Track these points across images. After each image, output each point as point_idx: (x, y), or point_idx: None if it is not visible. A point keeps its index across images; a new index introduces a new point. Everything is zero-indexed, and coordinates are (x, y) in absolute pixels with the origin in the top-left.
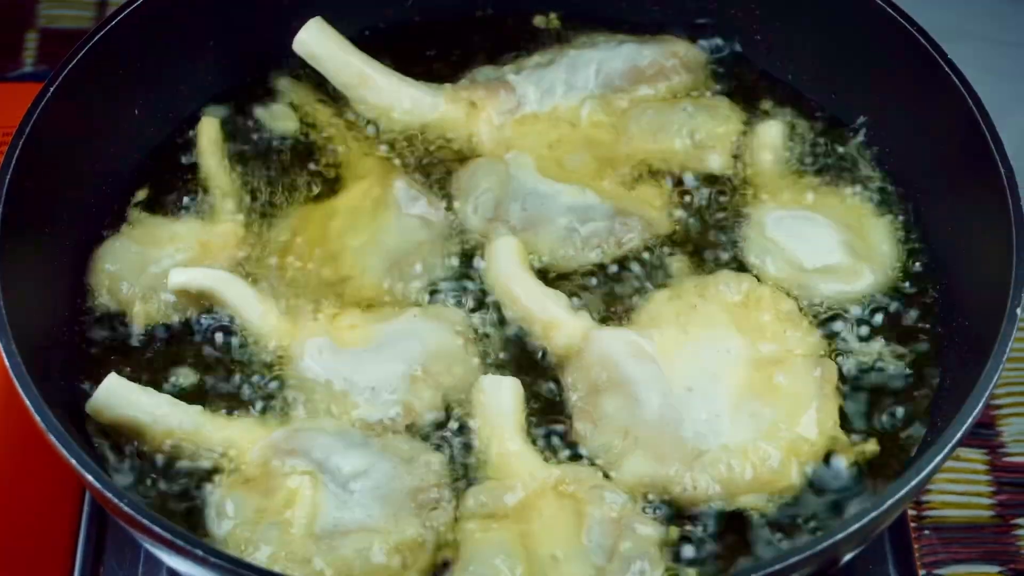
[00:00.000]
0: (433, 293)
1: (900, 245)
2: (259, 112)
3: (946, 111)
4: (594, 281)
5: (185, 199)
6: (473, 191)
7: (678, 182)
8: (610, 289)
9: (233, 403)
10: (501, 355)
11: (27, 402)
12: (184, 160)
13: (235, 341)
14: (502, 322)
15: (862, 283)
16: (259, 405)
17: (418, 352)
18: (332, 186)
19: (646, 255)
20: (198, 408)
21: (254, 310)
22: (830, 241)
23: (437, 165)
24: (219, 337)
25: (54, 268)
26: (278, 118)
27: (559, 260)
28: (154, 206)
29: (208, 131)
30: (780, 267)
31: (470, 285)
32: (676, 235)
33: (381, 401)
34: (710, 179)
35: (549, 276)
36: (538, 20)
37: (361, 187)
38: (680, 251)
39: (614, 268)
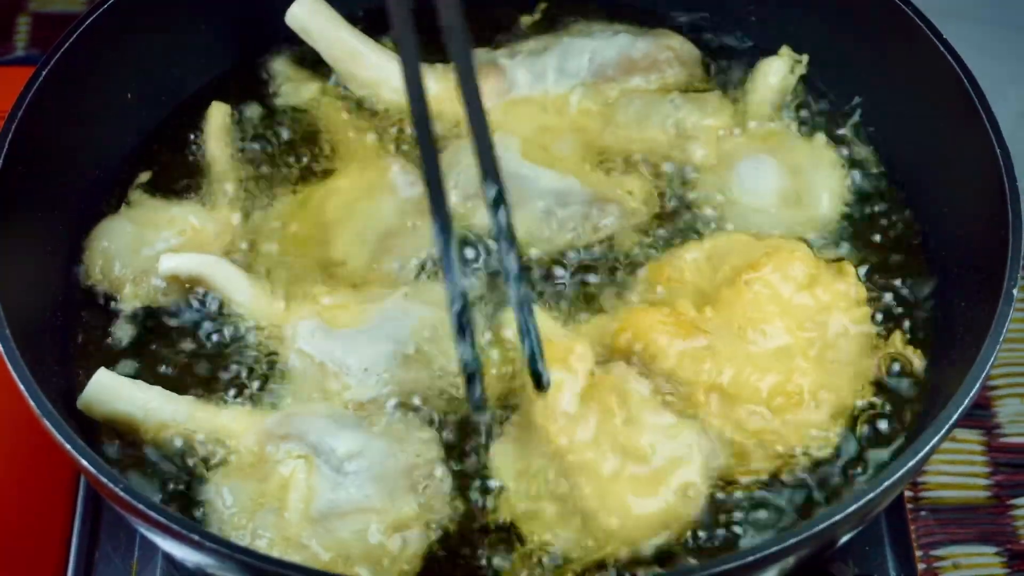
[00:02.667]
0: (424, 272)
1: (897, 224)
2: (253, 96)
3: (942, 92)
4: (568, 268)
5: (186, 183)
6: (454, 168)
7: (660, 172)
8: (582, 278)
9: (226, 388)
10: (490, 335)
11: (21, 387)
12: (179, 144)
13: (226, 326)
14: (497, 303)
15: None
16: (252, 389)
17: (409, 331)
18: (326, 169)
19: (621, 242)
20: (189, 398)
21: (245, 294)
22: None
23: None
24: (210, 322)
25: (48, 252)
26: (272, 101)
27: (535, 241)
28: (155, 189)
29: (216, 117)
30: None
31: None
32: (653, 223)
33: (373, 381)
34: (696, 169)
35: (526, 257)
36: (524, 19)
37: (355, 169)
38: (656, 238)
39: (588, 254)
